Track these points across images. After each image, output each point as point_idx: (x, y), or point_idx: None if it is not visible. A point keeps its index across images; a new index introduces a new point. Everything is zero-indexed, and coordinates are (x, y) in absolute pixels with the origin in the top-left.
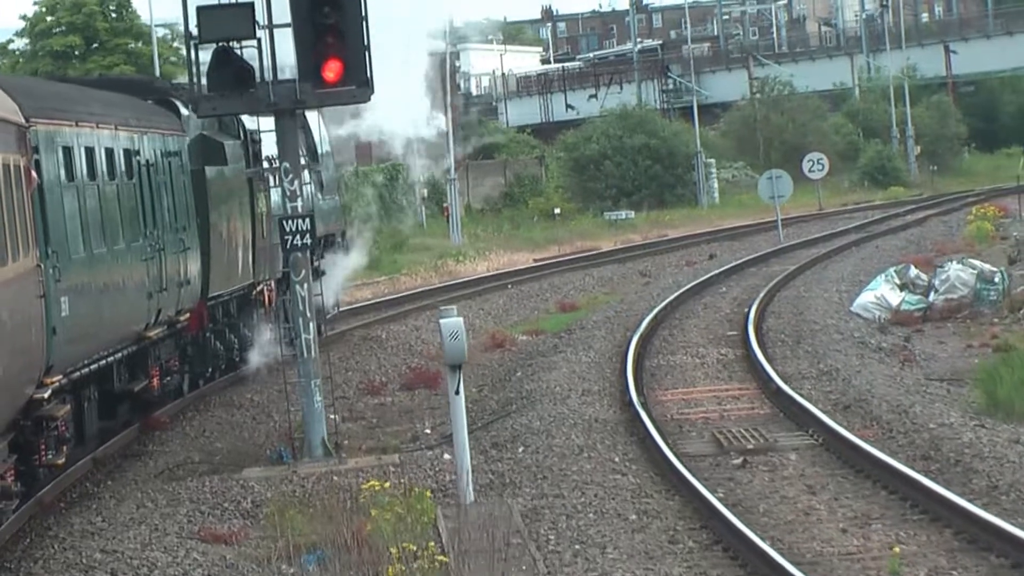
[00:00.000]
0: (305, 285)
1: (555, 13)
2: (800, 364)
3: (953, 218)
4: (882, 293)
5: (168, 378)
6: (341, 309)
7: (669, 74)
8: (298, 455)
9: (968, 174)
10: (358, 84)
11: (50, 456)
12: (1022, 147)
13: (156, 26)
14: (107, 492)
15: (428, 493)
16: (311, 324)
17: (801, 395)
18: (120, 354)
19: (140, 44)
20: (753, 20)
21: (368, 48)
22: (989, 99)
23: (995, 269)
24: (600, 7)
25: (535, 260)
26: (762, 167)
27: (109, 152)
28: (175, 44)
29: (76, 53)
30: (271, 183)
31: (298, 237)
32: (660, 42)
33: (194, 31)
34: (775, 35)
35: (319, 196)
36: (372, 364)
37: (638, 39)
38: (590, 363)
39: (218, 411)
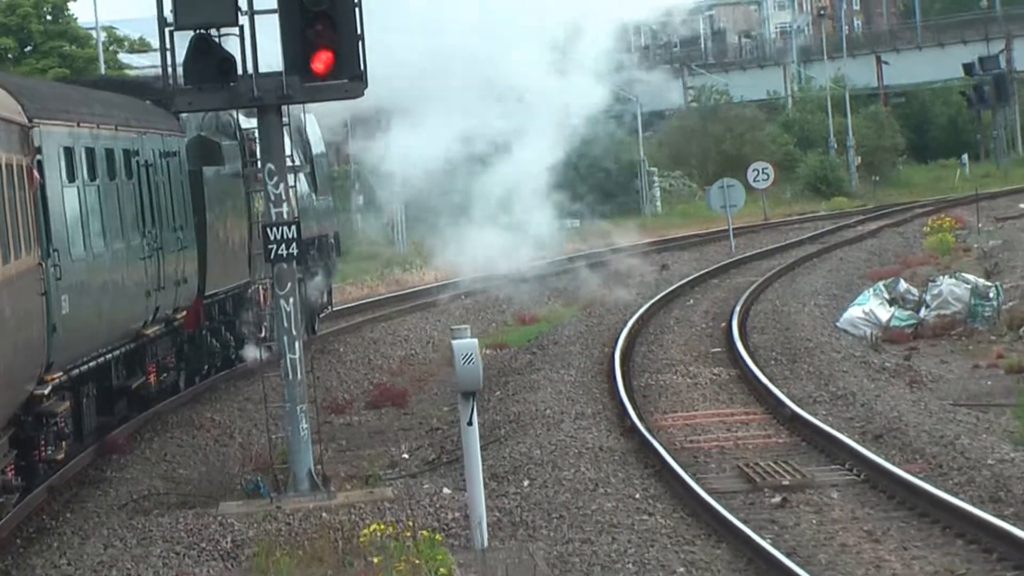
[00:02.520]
0: (291, 300)
1: None
2: (806, 386)
3: (907, 230)
4: (871, 308)
5: (165, 375)
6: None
7: None
8: (280, 487)
9: (907, 185)
10: (351, 77)
11: (50, 451)
12: (958, 159)
13: (94, 29)
14: (68, 527)
15: (439, 537)
16: (297, 343)
17: (819, 421)
18: (118, 351)
19: (75, 47)
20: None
21: (362, 38)
22: (920, 110)
23: (990, 284)
24: None
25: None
26: (698, 177)
27: (109, 152)
28: (111, 48)
29: (10, 56)
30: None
31: (283, 246)
32: None
33: (169, 16)
34: (703, 46)
35: (313, 197)
36: (333, 380)
37: None
38: (574, 383)
39: (177, 432)
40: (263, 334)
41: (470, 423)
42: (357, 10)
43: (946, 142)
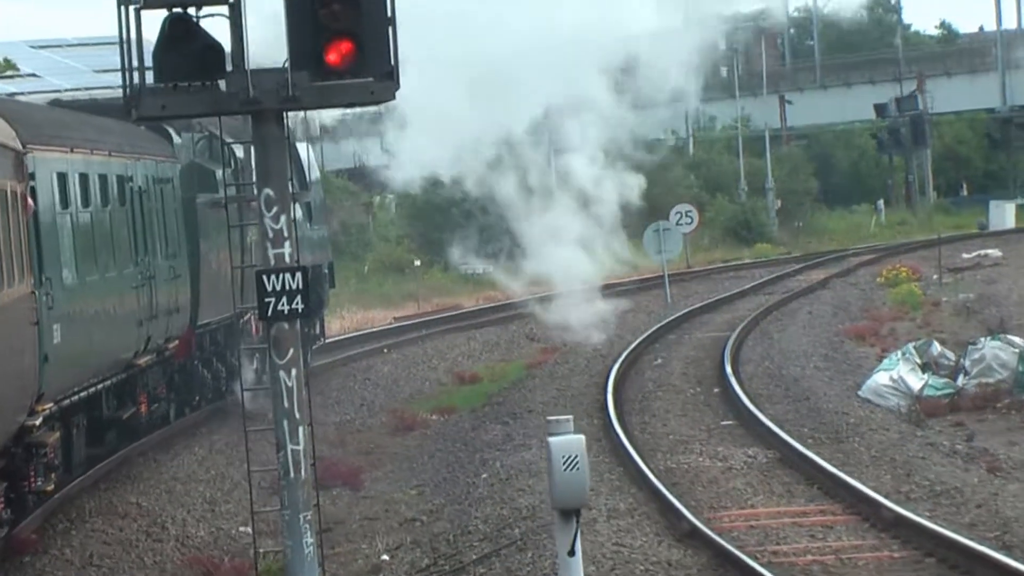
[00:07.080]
0: (293, 371)
1: None
2: (880, 475)
3: (858, 280)
4: (900, 375)
5: (156, 405)
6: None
7: None
8: None
9: (825, 231)
10: (378, 76)
11: (39, 483)
12: (872, 204)
13: None
14: None
15: None
16: (300, 429)
17: (941, 528)
18: (109, 381)
19: None
20: None
21: (393, 23)
22: (822, 154)
23: None
24: None
25: (395, 319)
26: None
27: (103, 178)
28: None
29: None
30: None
31: (284, 300)
32: None
33: None
34: None
35: (307, 225)
36: (267, 452)
37: None
38: None
39: (97, 522)
40: (255, 365)
41: (572, 552)
42: None
43: (849, 187)
